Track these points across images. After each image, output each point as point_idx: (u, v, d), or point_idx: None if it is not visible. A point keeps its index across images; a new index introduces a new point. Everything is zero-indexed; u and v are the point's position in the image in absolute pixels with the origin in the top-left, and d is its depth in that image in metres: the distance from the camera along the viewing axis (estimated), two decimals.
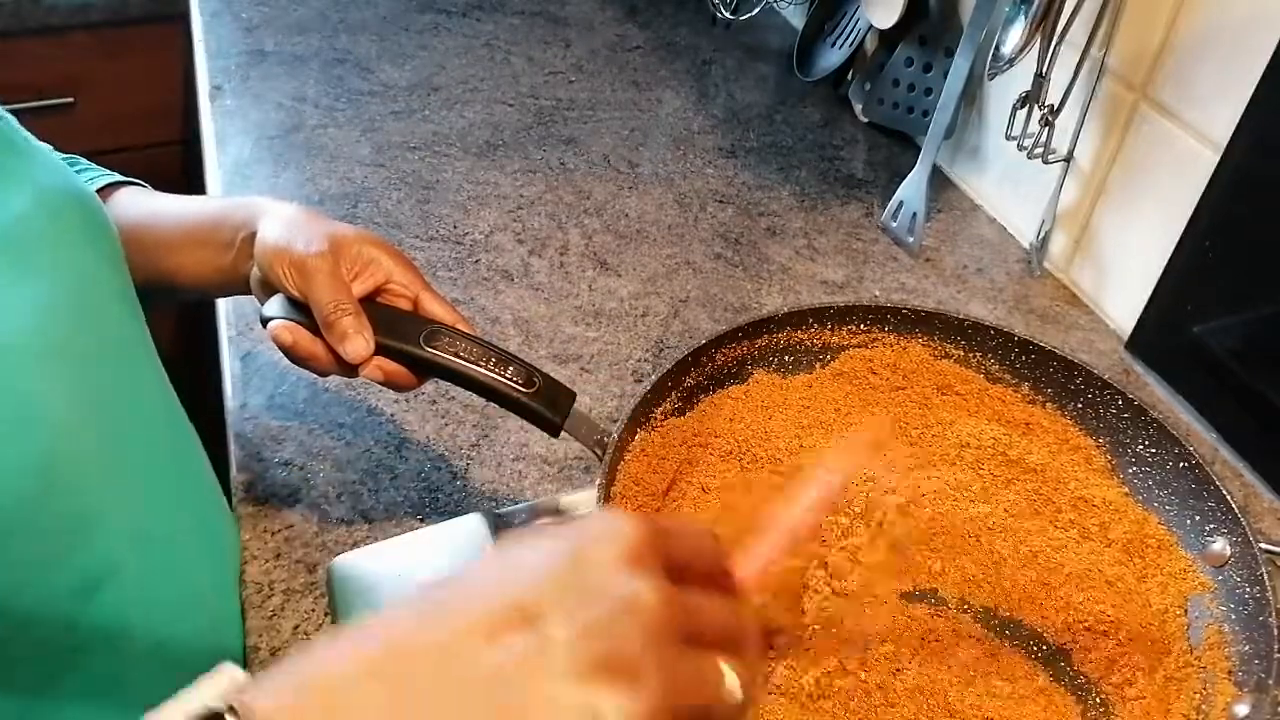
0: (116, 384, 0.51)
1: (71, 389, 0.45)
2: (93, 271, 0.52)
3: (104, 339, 0.51)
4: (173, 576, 0.53)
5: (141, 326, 0.56)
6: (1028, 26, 0.77)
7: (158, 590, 0.51)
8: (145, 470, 0.51)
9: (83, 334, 0.48)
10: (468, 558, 0.61)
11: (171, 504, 0.54)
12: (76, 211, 0.52)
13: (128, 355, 0.54)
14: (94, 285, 0.51)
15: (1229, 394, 0.75)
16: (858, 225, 0.99)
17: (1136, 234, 0.84)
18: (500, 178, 1.01)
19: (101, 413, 0.48)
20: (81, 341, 0.48)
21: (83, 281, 0.50)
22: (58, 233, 0.49)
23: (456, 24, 1.28)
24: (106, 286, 0.53)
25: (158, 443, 0.54)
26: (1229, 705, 0.53)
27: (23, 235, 0.47)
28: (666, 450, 0.64)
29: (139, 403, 0.53)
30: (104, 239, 0.54)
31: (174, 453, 0.57)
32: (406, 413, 0.74)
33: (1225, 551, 0.59)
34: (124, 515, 0.48)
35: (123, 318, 0.54)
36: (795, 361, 0.72)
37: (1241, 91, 0.71)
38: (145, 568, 0.49)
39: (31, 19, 1.34)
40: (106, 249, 0.54)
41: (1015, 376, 0.71)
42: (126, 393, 0.52)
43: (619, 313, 0.86)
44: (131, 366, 0.54)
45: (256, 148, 1.02)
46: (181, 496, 0.56)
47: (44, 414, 0.43)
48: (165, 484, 0.54)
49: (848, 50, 1.13)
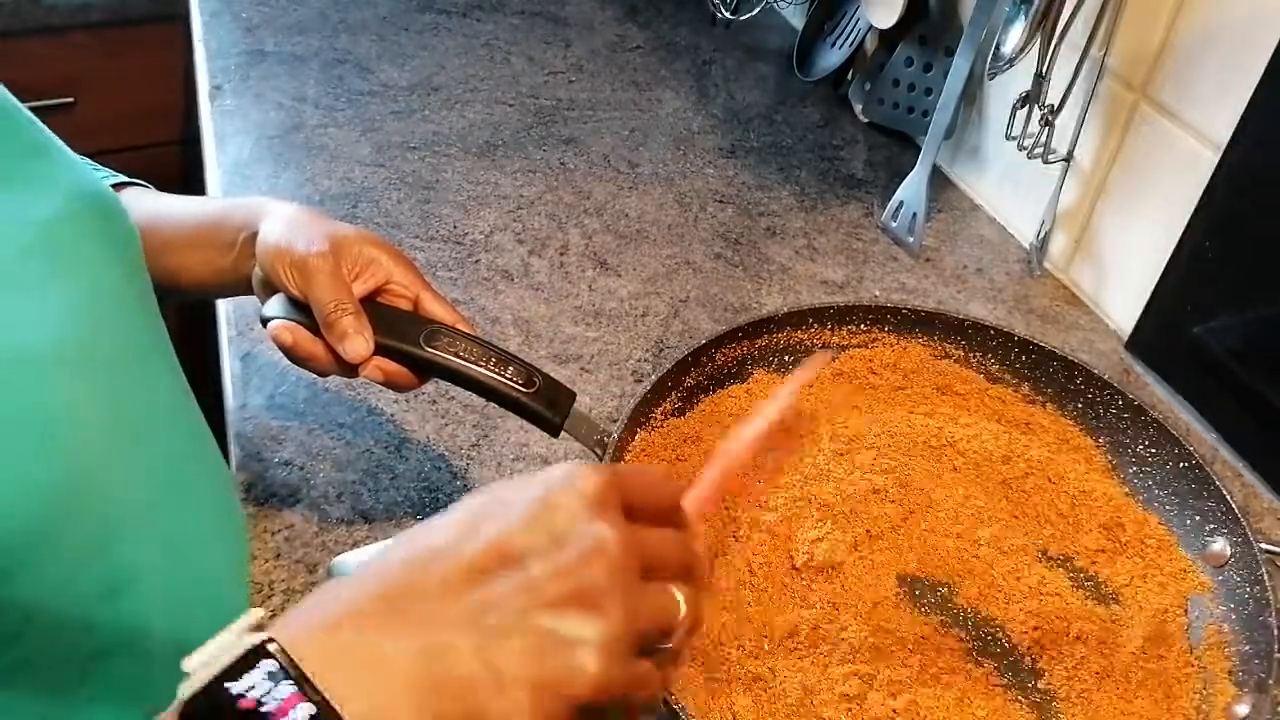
0: (140, 388, 0.51)
1: (98, 396, 0.45)
2: (118, 275, 0.51)
3: (129, 343, 0.51)
4: (193, 578, 0.53)
5: (162, 330, 0.56)
6: (1028, 26, 0.77)
7: (179, 592, 0.51)
8: (166, 474, 0.52)
9: (109, 338, 0.48)
10: None
11: (192, 506, 0.54)
12: (103, 216, 0.52)
13: (151, 359, 0.54)
14: (119, 289, 0.51)
15: (1229, 394, 0.75)
16: (858, 225, 0.99)
17: (1136, 234, 0.84)
18: (500, 178, 1.01)
19: (126, 418, 0.48)
20: (107, 346, 0.48)
21: (109, 285, 0.50)
22: (86, 237, 0.49)
23: (456, 24, 1.28)
24: (130, 290, 0.53)
25: (178, 446, 0.55)
26: (1229, 705, 0.53)
27: (53, 239, 0.46)
28: (666, 450, 0.65)
29: (160, 406, 0.53)
30: (128, 243, 0.54)
31: (194, 455, 0.57)
32: (406, 413, 0.74)
33: (1225, 551, 0.59)
34: (147, 519, 0.48)
35: (145, 321, 0.54)
36: (795, 361, 0.72)
37: (1241, 91, 0.71)
38: (167, 570, 0.50)
39: (31, 19, 1.34)
40: (131, 253, 0.54)
41: (1015, 376, 0.71)
42: (149, 396, 0.52)
43: (619, 313, 0.86)
44: (154, 370, 0.54)
45: (256, 148, 1.02)
46: (200, 498, 0.56)
47: (73, 426, 0.43)
48: (186, 486, 0.54)
49: (848, 50, 1.13)
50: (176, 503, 0.52)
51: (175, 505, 0.52)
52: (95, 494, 0.44)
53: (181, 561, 0.52)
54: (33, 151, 0.49)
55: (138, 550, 0.47)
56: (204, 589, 0.54)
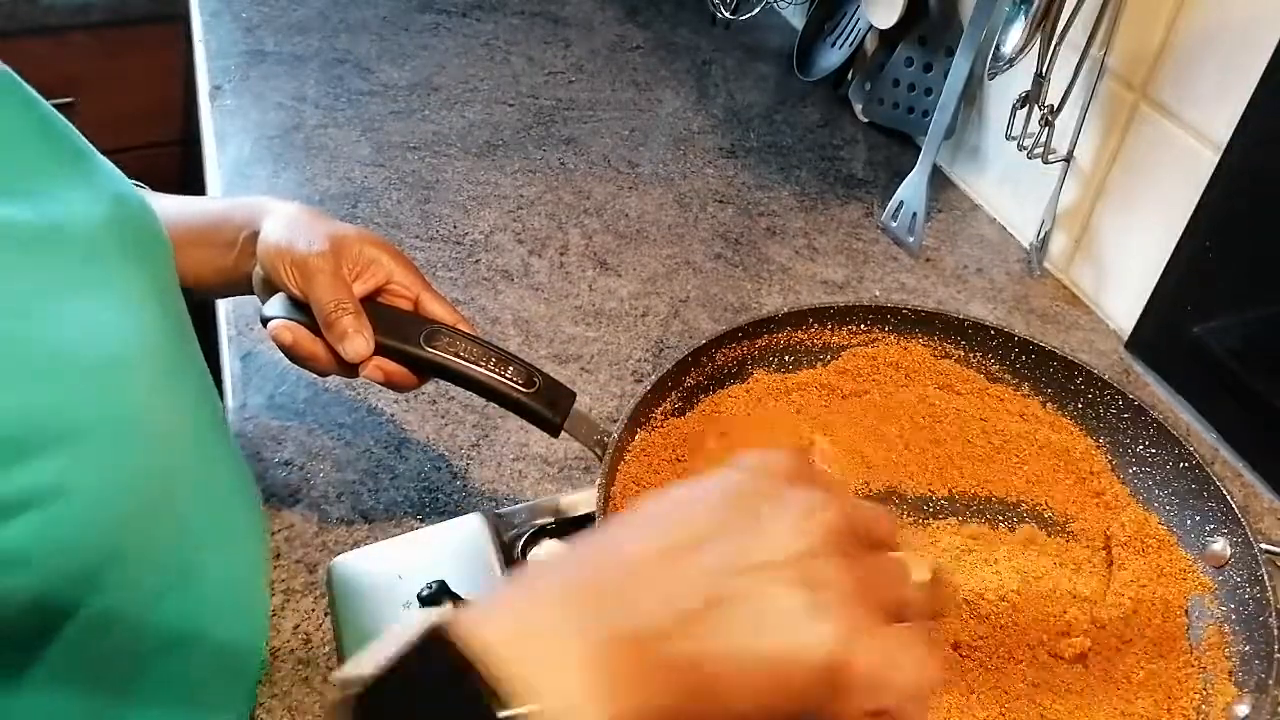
0: (190, 392, 0.52)
1: (164, 401, 0.45)
2: (161, 285, 0.51)
3: (178, 348, 0.51)
4: (230, 577, 0.54)
5: (194, 338, 0.57)
6: (1028, 26, 0.77)
7: (220, 592, 0.51)
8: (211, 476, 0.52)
9: (164, 343, 0.48)
10: (467, 558, 0.61)
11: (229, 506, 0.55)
12: (143, 221, 0.52)
13: (194, 363, 0.55)
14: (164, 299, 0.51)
15: (1229, 394, 0.75)
16: (858, 225, 0.99)
17: (1136, 234, 0.84)
18: (500, 178, 1.01)
19: (186, 422, 0.49)
20: (165, 351, 0.48)
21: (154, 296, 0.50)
22: (130, 246, 0.49)
23: (456, 24, 1.28)
24: (171, 295, 0.53)
25: (217, 448, 0.55)
26: (1229, 705, 0.53)
27: (103, 249, 0.46)
28: (666, 450, 0.64)
29: (204, 408, 0.54)
30: (164, 253, 0.54)
31: (227, 456, 0.57)
32: (406, 413, 0.74)
33: (1225, 551, 0.59)
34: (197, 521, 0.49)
35: (185, 332, 0.54)
36: (796, 361, 0.72)
37: (1241, 91, 0.71)
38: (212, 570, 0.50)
39: (31, 19, 1.34)
40: (167, 262, 0.54)
41: (1015, 376, 0.71)
42: (195, 400, 0.53)
43: (619, 313, 0.86)
44: (195, 375, 0.55)
45: (256, 148, 1.02)
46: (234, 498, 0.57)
47: (152, 429, 0.43)
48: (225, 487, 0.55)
49: (848, 50, 1.13)
50: (220, 504, 0.53)
51: (219, 506, 0.53)
52: (169, 496, 0.44)
53: (222, 561, 0.53)
54: (75, 157, 0.49)
55: (190, 551, 0.48)
56: (240, 588, 0.56)
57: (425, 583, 0.55)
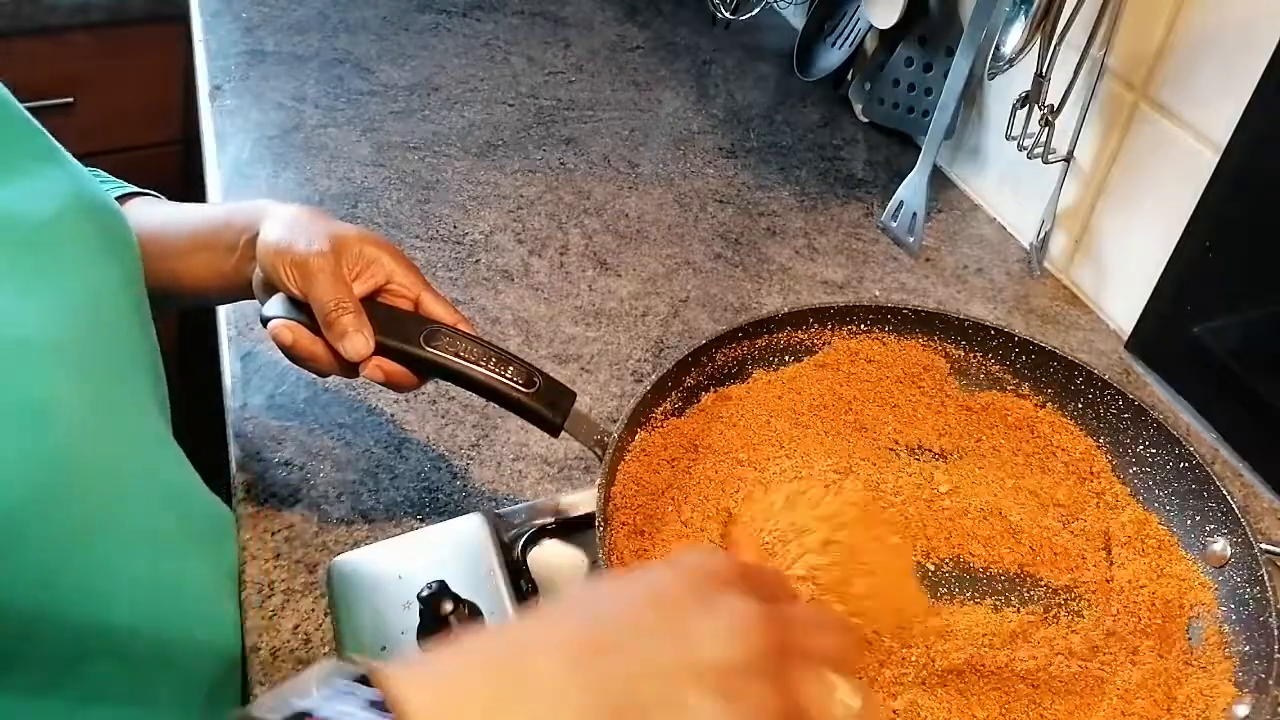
0: (126, 391, 0.51)
1: (85, 392, 0.45)
2: (115, 282, 0.52)
3: (119, 347, 0.51)
4: (177, 583, 0.53)
5: (153, 341, 0.57)
6: (1028, 26, 0.77)
7: (163, 597, 0.51)
8: (148, 478, 0.52)
9: (100, 340, 0.49)
10: (468, 558, 0.61)
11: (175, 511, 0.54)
12: (103, 223, 0.53)
13: (139, 365, 0.54)
14: (114, 295, 0.52)
15: (1229, 394, 0.75)
16: (858, 225, 0.99)
17: (1136, 234, 0.84)
18: (500, 178, 1.01)
19: (111, 418, 0.48)
20: (98, 347, 0.48)
21: (104, 290, 0.50)
22: (82, 242, 0.50)
23: (456, 24, 1.28)
24: (126, 297, 0.53)
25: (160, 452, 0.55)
26: (1229, 705, 0.53)
27: (50, 241, 0.47)
28: (666, 450, 0.64)
29: (145, 411, 0.54)
30: (126, 253, 0.55)
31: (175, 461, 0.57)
32: (406, 413, 0.74)
33: (1225, 552, 0.59)
34: (127, 520, 0.48)
35: (137, 330, 0.55)
36: (795, 361, 0.72)
37: (1241, 91, 0.71)
38: (150, 574, 0.50)
39: (31, 19, 1.34)
40: (127, 263, 0.55)
41: (1015, 376, 0.71)
42: (135, 400, 0.52)
43: (619, 313, 0.86)
44: (141, 376, 0.54)
45: (256, 148, 1.02)
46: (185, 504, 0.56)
47: (59, 417, 0.43)
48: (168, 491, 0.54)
49: (848, 50, 1.13)
50: (158, 506, 0.52)
51: (156, 509, 0.52)
52: (76, 486, 0.44)
53: (165, 566, 0.51)
54: (37, 155, 0.50)
55: (118, 550, 0.47)
56: (190, 595, 0.54)
57: (425, 583, 0.55)
